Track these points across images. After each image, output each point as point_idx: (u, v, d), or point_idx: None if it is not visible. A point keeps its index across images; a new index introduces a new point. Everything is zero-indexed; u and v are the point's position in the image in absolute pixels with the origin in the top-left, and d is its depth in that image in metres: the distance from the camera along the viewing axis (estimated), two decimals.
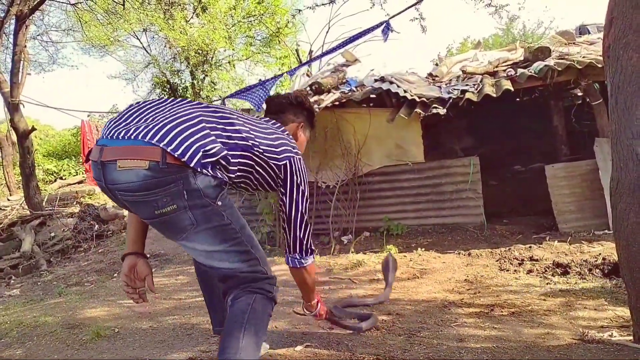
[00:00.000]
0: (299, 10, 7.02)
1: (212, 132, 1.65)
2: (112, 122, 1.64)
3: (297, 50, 12.58)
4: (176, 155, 1.51)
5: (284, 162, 1.87)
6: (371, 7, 5.80)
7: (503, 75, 5.52)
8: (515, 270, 3.83)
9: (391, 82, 5.70)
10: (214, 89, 17.69)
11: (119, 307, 3.83)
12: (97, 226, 8.17)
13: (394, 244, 5.11)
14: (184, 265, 5.57)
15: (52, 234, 8.11)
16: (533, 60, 5.50)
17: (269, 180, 1.91)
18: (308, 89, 6.64)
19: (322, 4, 5.95)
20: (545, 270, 3.70)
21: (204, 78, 17.01)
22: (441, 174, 5.71)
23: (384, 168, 5.93)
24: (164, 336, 2.84)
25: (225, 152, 1.66)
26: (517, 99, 6.90)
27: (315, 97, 6.20)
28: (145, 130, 1.55)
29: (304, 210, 1.91)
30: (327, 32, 11.71)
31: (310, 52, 11.19)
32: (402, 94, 5.42)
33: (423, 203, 5.78)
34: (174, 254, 6.22)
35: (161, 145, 1.51)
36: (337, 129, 6.04)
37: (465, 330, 2.50)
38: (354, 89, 6.25)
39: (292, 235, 1.92)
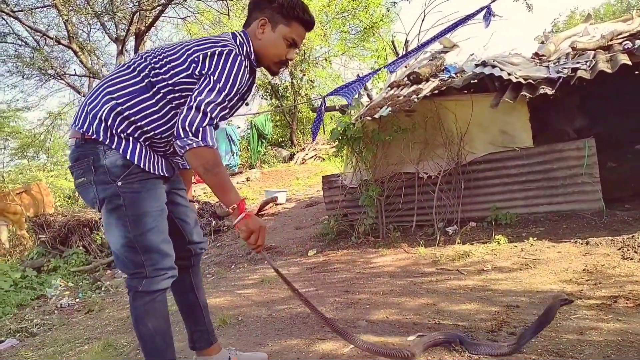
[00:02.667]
0: (395, 3, 6.96)
1: (110, 94, 1.77)
2: None
3: (392, 42, 12.44)
4: (82, 132, 1.77)
5: (191, 67, 1.75)
6: None
7: (619, 48, 5.07)
8: None
9: (493, 66, 5.49)
10: (312, 86, 18.15)
11: (238, 296, 4.16)
12: (214, 222, 8.82)
13: (503, 233, 4.94)
14: (294, 257, 5.85)
15: None
16: None
17: None
18: (406, 79, 6.61)
19: None
20: None
21: (302, 77, 17.53)
22: (552, 158, 5.37)
23: (489, 155, 5.72)
24: (282, 324, 3.05)
25: (119, 107, 1.74)
26: (636, 72, 6.26)
27: (414, 87, 6.15)
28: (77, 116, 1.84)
29: (206, 107, 1.68)
30: (422, 20, 11.43)
31: (406, 42, 11.00)
32: (505, 77, 5.20)
33: (533, 190, 5.49)
34: (284, 246, 6.55)
35: (77, 128, 1.79)
36: (438, 118, 5.94)
37: (586, 322, 2.40)
38: (454, 75, 6.10)
39: (177, 123, 1.69)
